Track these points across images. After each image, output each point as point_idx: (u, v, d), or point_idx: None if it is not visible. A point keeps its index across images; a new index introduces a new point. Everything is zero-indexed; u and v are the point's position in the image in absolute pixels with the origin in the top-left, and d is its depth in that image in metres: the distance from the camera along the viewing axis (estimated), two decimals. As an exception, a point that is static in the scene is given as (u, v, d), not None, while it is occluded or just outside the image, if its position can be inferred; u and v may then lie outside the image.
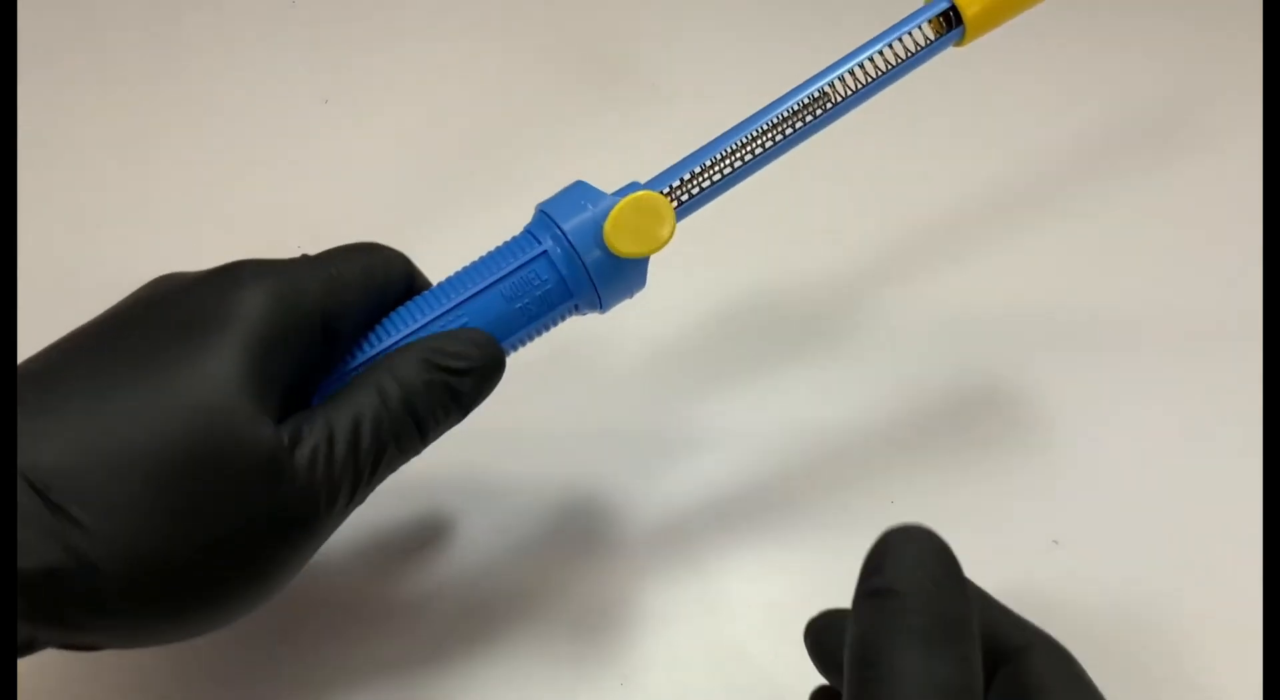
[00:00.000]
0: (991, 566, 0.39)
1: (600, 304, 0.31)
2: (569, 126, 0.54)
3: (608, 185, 0.31)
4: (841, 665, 0.27)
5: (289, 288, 0.26)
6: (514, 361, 0.31)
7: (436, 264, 0.31)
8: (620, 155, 0.50)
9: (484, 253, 0.31)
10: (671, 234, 0.30)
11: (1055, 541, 0.39)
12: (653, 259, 0.31)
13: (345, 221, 0.50)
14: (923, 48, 0.31)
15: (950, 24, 0.31)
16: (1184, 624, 0.37)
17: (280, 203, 0.51)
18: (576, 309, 0.31)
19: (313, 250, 0.50)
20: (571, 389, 0.44)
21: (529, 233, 0.31)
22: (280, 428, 0.24)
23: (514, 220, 0.32)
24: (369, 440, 0.26)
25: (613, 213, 0.29)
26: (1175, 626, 0.37)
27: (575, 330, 0.33)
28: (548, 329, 0.31)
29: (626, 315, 0.33)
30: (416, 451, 0.28)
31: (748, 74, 0.54)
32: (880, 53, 0.31)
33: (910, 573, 0.22)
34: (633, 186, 0.31)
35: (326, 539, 0.26)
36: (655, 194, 0.30)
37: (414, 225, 0.49)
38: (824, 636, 0.27)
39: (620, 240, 0.30)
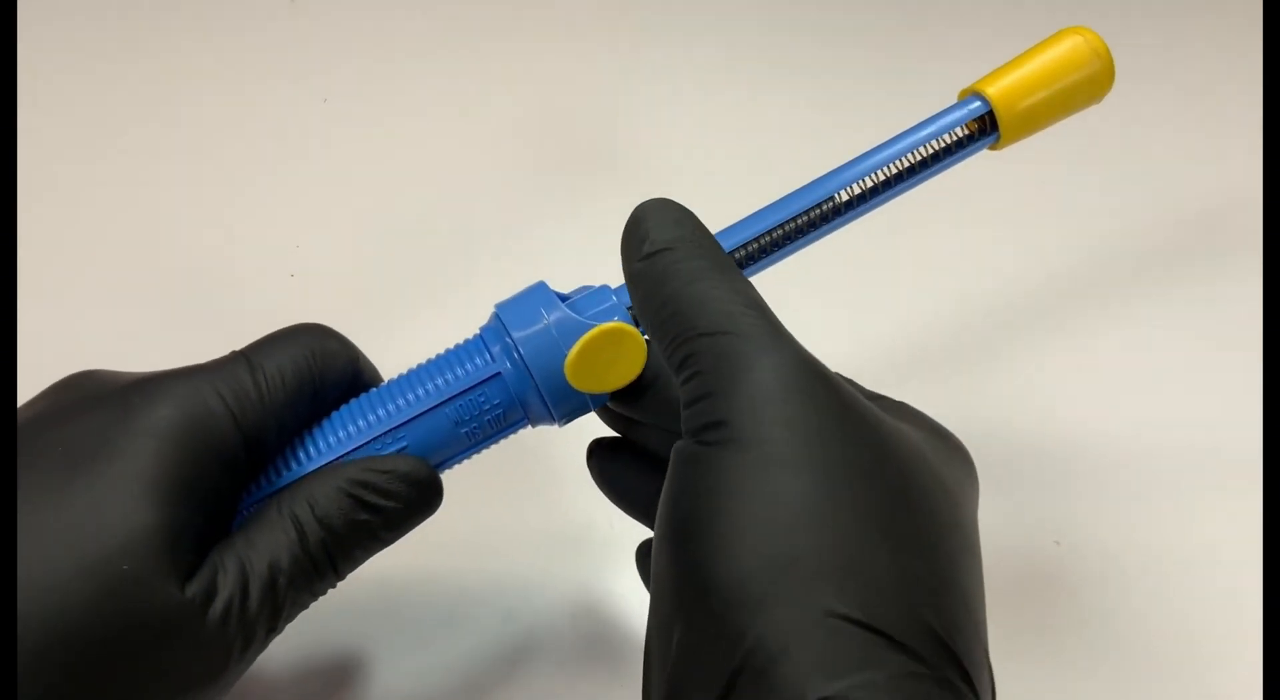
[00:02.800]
0: (993, 566, 0.39)
1: (556, 421, 0.28)
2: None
3: (579, 268, 0.28)
4: (623, 491, 0.31)
5: (204, 413, 0.24)
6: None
7: (432, 259, 0.29)
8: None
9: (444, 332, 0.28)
10: (640, 370, 0.27)
11: (1056, 542, 0.39)
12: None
13: (344, 221, 0.50)
14: (952, 150, 0.28)
15: (984, 127, 0.28)
16: (1184, 624, 0.37)
17: (279, 201, 0.50)
18: (529, 425, 0.28)
19: (310, 249, 0.51)
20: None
21: (481, 341, 0.28)
22: (191, 584, 0.22)
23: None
24: (284, 587, 0.24)
25: (576, 348, 0.26)
26: (1175, 626, 0.37)
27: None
28: (496, 444, 0.28)
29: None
30: (326, 591, 0.26)
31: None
32: (907, 156, 0.28)
33: (674, 231, 0.24)
34: (602, 294, 0.28)
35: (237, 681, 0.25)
36: (623, 328, 0.26)
37: (411, 224, 0.49)
38: (609, 469, 0.31)
39: (582, 378, 0.26)
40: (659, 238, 0.24)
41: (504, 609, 0.37)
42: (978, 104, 0.28)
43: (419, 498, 0.26)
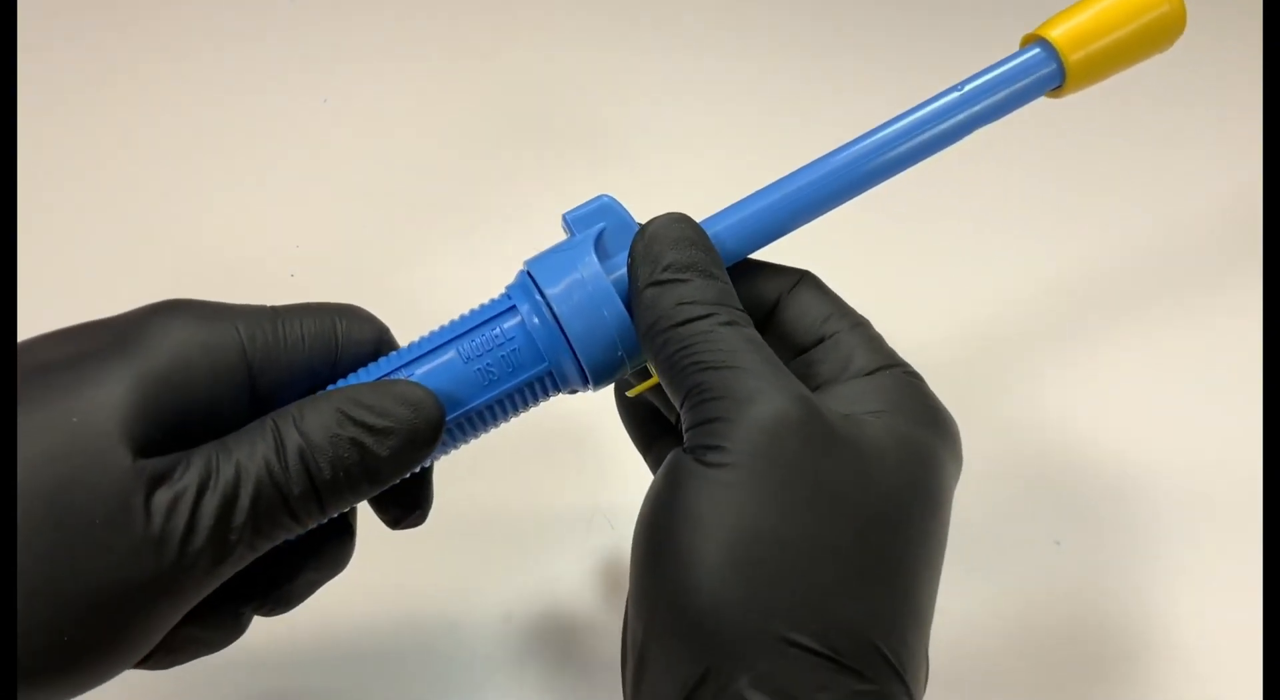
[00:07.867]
0: (993, 567, 0.39)
1: (588, 380, 0.26)
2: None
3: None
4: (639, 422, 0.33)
5: (211, 331, 0.24)
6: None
7: (432, 260, 0.29)
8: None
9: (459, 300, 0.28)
10: None
11: (1056, 542, 0.39)
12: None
13: (344, 221, 0.50)
14: (1014, 93, 0.26)
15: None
16: (1184, 624, 0.37)
17: (279, 201, 0.50)
18: (555, 383, 0.26)
19: (310, 248, 0.51)
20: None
21: (506, 297, 0.26)
22: (146, 461, 0.22)
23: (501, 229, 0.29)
24: (250, 495, 0.22)
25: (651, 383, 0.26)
26: (1176, 626, 0.37)
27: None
28: (525, 404, 0.26)
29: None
30: (310, 522, 0.24)
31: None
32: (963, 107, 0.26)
33: (686, 255, 0.25)
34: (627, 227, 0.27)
35: (189, 606, 0.23)
36: None
37: (411, 225, 0.49)
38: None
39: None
40: (672, 261, 0.25)
41: (503, 611, 0.37)
42: (1038, 51, 0.27)
43: (415, 421, 0.24)
